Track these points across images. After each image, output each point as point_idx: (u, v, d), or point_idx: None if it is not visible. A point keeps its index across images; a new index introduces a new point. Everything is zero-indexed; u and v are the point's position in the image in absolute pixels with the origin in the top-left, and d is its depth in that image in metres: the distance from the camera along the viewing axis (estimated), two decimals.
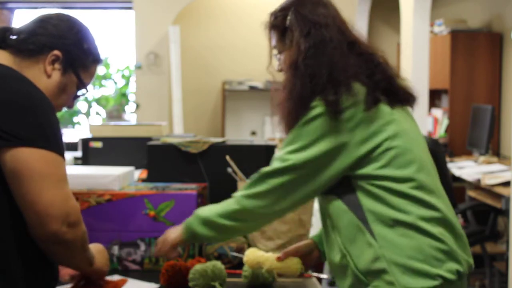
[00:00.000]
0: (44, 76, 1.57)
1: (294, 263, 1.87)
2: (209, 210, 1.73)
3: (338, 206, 1.63)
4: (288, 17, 1.70)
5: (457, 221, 1.65)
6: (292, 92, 1.64)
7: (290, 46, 1.70)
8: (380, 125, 1.60)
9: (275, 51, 1.77)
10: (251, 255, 1.92)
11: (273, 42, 1.76)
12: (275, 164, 1.64)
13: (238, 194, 1.70)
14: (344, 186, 1.62)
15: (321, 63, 1.62)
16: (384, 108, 1.63)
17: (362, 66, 1.65)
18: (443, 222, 1.60)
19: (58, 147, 1.45)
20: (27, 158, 1.39)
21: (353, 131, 1.59)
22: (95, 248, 1.70)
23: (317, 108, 1.60)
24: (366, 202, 1.59)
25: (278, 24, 1.73)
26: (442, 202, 1.63)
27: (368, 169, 1.59)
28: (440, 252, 1.56)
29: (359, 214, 1.60)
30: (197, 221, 1.73)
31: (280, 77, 1.74)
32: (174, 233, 1.79)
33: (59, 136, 1.47)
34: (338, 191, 1.63)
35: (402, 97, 1.70)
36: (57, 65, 1.58)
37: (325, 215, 1.70)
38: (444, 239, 1.57)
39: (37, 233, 1.41)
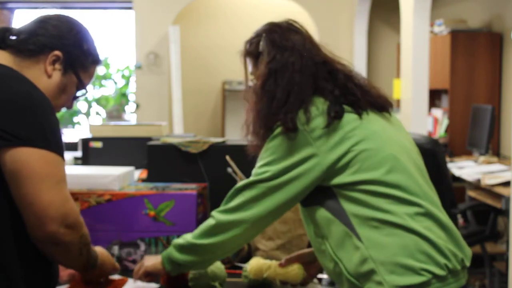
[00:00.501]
0: (44, 76, 1.57)
1: (295, 269, 1.88)
2: (185, 236, 1.76)
3: (323, 214, 1.65)
4: (261, 43, 1.77)
5: (445, 216, 1.65)
6: (256, 116, 1.73)
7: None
8: (346, 132, 1.63)
9: (251, 77, 1.82)
10: (255, 264, 1.93)
11: (250, 68, 1.82)
12: (248, 179, 1.69)
13: (213, 211, 1.73)
14: (326, 195, 1.64)
15: (279, 87, 1.69)
16: (348, 116, 1.65)
17: (329, 82, 1.70)
18: (428, 216, 1.60)
19: (57, 147, 1.45)
20: (27, 158, 1.39)
21: (317, 142, 1.62)
22: (103, 255, 1.71)
23: (279, 127, 1.66)
24: (349, 207, 1.60)
25: (252, 51, 1.80)
26: (425, 199, 1.63)
27: (343, 178, 1.61)
28: (427, 248, 1.56)
29: (344, 219, 1.61)
30: (175, 249, 1.76)
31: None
32: (151, 260, 1.82)
33: (59, 136, 1.47)
34: (320, 200, 1.65)
35: (377, 105, 1.73)
36: (57, 65, 1.58)
37: (310, 225, 1.71)
38: (430, 234, 1.57)
39: (35, 234, 1.41)
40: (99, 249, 1.70)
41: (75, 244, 1.46)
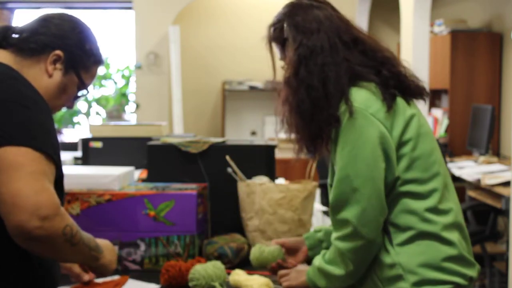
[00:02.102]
0: (45, 75, 1.56)
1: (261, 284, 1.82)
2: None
3: None
4: (284, 28, 1.68)
5: (464, 221, 1.65)
6: (294, 109, 1.63)
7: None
8: (404, 121, 1.57)
9: (282, 63, 1.74)
10: (231, 278, 1.90)
11: (279, 54, 1.74)
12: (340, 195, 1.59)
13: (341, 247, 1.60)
14: None
15: (313, 75, 1.60)
16: (401, 102, 1.61)
17: (367, 63, 1.63)
18: (458, 226, 1.59)
19: (43, 145, 1.39)
20: (4, 154, 1.34)
21: (384, 122, 1.56)
22: (103, 244, 1.65)
23: (344, 114, 1.56)
24: (389, 208, 1.57)
25: (277, 37, 1.71)
26: (453, 199, 1.62)
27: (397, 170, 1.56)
28: (455, 260, 1.56)
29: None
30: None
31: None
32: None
33: (46, 135, 1.42)
34: None
35: (413, 91, 1.67)
36: (58, 65, 1.57)
37: None
38: (460, 246, 1.57)
39: (8, 228, 1.33)
40: (101, 242, 1.65)
41: (58, 237, 1.36)
